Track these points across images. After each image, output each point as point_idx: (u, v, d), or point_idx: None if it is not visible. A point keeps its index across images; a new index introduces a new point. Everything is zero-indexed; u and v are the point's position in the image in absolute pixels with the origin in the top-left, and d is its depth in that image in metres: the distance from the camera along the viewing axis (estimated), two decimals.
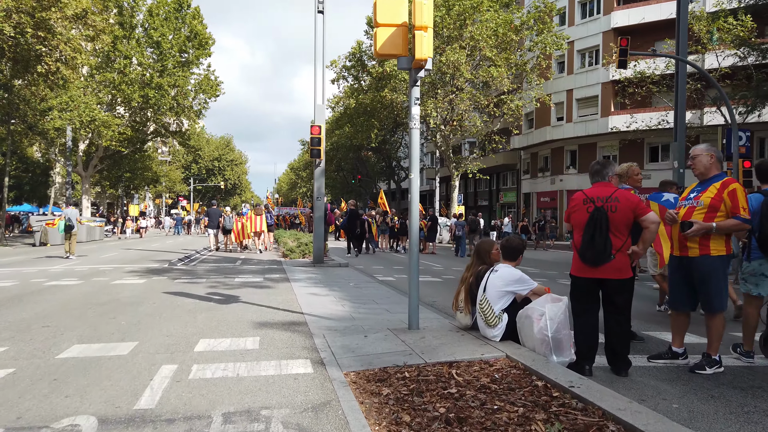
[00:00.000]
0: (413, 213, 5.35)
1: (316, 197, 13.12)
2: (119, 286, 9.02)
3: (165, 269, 12.19)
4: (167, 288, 8.81)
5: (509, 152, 42.45)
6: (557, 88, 35.44)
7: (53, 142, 32.01)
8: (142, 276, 10.65)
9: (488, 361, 4.04)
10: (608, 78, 32.84)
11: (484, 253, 5.07)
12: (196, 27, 34.04)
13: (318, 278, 10.36)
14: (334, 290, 8.58)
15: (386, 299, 7.70)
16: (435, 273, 12.44)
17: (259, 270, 12.08)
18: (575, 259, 4.10)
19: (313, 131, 12.80)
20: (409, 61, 5.12)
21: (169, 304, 7.12)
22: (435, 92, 30.53)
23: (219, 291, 8.49)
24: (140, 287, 8.93)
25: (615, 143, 33.55)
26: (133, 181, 52.22)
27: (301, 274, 11.18)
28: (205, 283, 9.47)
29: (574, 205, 4.18)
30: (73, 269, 12.12)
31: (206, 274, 11.07)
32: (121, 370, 4.05)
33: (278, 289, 8.82)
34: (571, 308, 4.13)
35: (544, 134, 36.83)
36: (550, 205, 38.81)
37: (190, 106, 36.06)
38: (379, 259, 17.15)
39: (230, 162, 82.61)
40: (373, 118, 35.72)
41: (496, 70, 29.01)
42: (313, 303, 7.22)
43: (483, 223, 22.96)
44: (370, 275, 11.34)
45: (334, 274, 11.15)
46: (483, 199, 50.93)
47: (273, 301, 7.48)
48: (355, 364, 4.08)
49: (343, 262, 13.58)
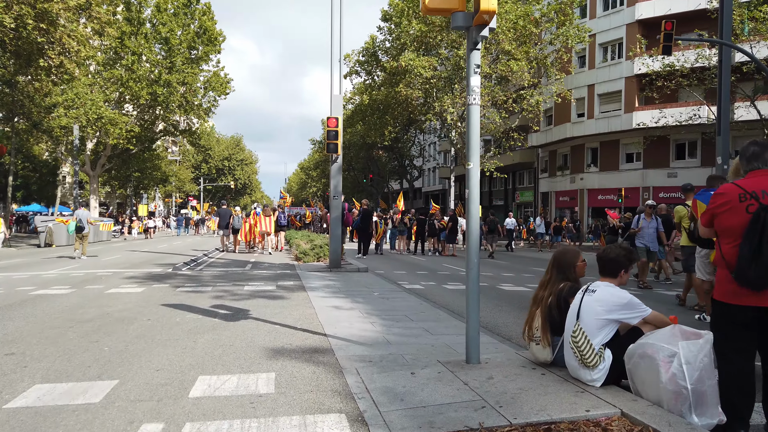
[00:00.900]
0: (472, 212, 4.16)
1: (333, 195, 11.98)
2: (113, 297, 7.93)
3: (168, 275, 11.11)
4: (167, 299, 7.71)
5: (526, 150, 41.06)
6: (578, 83, 34.05)
7: (59, 140, 31.11)
8: (141, 283, 9.57)
9: (598, 422, 2.87)
10: (633, 72, 31.41)
11: (567, 267, 3.89)
12: (206, 23, 33.07)
13: (337, 286, 9.23)
14: (358, 302, 7.43)
15: (421, 314, 6.53)
16: (464, 279, 11.25)
17: (271, 276, 10.97)
18: (724, 278, 2.88)
19: (329, 124, 11.67)
20: (467, 18, 3.95)
21: (165, 322, 6.01)
22: (451, 87, 29.30)
23: (226, 303, 7.37)
24: (136, 298, 7.84)
25: (639, 140, 32.09)
26: (143, 181, 51.54)
27: (318, 280, 10.05)
28: (211, 293, 8.36)
29: (723, 202, 2.91)
30: (69, 275, 11.08)
31: (212, 281, 9.97)
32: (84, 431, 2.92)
33: (294, 300, 7.69)
34: (715, 348, 2.93)
35: (563, 131, 35.45)
36: (569, 205, 37.40)
37: (200, 104, 35.11)
38: (398, 261, 16.00)
39: (240, 162, 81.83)
40: (387, 115, 34.53)
41: (516, 63, 27.73)
42: (336, 320, 6.08)
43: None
44: (394, 282, 10.18)
45: (353, 281, 10.01)
46: (498, 199, 49.55)
47: (289, 316, 6.35)
48: (410, 425, 2.91)
49: (362, 266, 12.43)
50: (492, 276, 11.90)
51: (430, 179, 65.76)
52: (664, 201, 31.74)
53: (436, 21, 28.03)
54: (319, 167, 67.45)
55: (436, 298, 8.37)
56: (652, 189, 31.77)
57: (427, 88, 29.53)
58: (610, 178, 33.48)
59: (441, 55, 29.14)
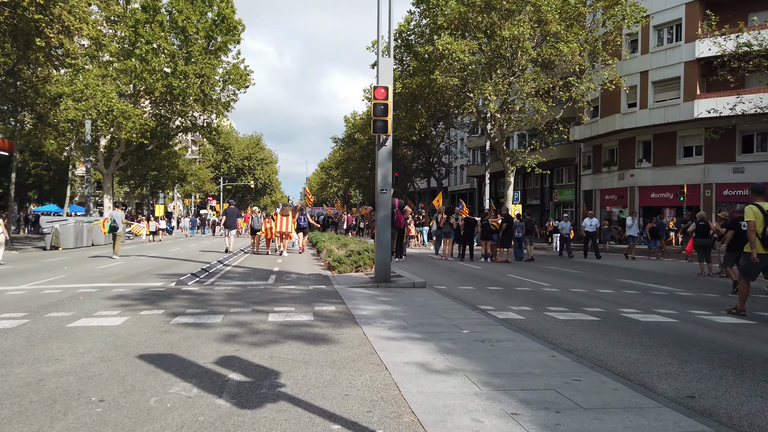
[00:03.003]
0: None
1: (381, 188, 9.23)
2: (72, 337, 5.25)
3: (167, 293, 8.46)
4: (151, 342, 5.03)
5: (565, 145, 37.89)
6: (629, 69, 30.85)
7: (65, 134, 28.91)
8: (126, 308, 6.93)
9: None
10: (694, 55, 28.15)
11: None
12: (224, 10, 30.63)
13: (398, 313, 6.48)
14: (452, 352, 4.64)
15: (579, 385, 3.73)
16: (563, 301, 8.37)
17: (303, 295, 8.25)
18: None
19: (377, 95, 8.92)
20: None
21: (130, 408, 3.30)
22: (491, 74, 26.35)
23: (240, 353, 4.63)
24: (105, 339, 5.16)
25: (700, 131, 28.76)
26: (160, 180, 49.49)
27: (368, 303, 7.31)
28: (219, 329, 5.64)
29: None
30: (40, 292, 8.50)
31: (224, 304, 7.28)
32: None
33: (345, 344, 4.95)
34: None
35: (612, 123, 32.25)
36: (617, 204, 34.19)
37: (218, 98, 32.71)
38: (449, 270, 13.19)
39: (260, 161, 79.89)
40: (418, 105, 31.64)
41: (566, 46, 24.66)
42: (442, 407, 3.30)
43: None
44: (473, 306, 7.37)
45: (417, 305, 7.24)
46: (533, 198, 46.40)
47: (351, 392, 3.60)
48: None
49: (418, 280, 9.61)
50: (608, 295, 9.03)
51: (457, 178, 62.80)
52: (728, 199, 28.45)
53: (476, 0, 25.16)
54: (341, 166, 64.89)
55: (560, 339, 5.54)
56: (715, 186, 28.43)
57: (465, 75, 26.62)
58: (666, 174, 30.20)
59: (480, 39, 26.18)
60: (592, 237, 19.06)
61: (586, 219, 19.47)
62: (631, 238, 19.59)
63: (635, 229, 19.72)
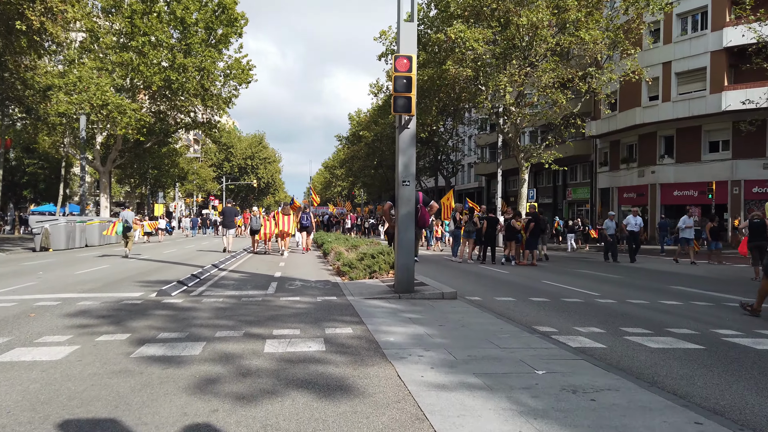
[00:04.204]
0: None
1: (403, 180, 7.64)
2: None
3: (142, 307, 6.89)
4: (89, 397, 3.44)
5: (580, 141, 36.23)
6: (650, 60, 29.15)
7: (56, 129, 27.40)
8: (83, 329, 5.37)
9: None
10: (721, 44, 26.47)
11: None
12: (225, 0, 29.10)
13: (437, 340, 4.90)
14: (536, 412, 3.08)
15: None
16: (633, 318, 6.76)
17: (310, 310, 6.67)
18: None
19: (398, 66, 7.33)
20: None
21: None
22: (506, 64, 24.73)
23: (217, 422, 3.06)
24: (24, 391, 3.59)
25: (727, 125, 27.09)
26: (160, 178, 48.04)
27: (394, 324, 5.73)
28: (195, 369, 4.04)
29: None
30: None
31: (209, 325, 5.69)
32: None
33: (376, 400, 3.37)
34: None
35: (632, 117, 30.56)
36: (636, 202, 32.45)
37: (219, 93, 31.18)
38: (474, 276, 11.61)
39: (263, 160, 78.50)
40: (428, 99, 30.01)
41: (587, 33, 23.03)
42: None
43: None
44: (524, 325, 5.79)
45: (456, 325, 5.66)
46: (546, 196, 44.66)
47: None
48: None
49: (447, 290, 8.02)
50: (680, 308, 7.44)
51: (464, 176, 61.10)
52: (758, 197, 26.74)
53: None
54: (345, 165, 63.36)
55: (680, 384, 3.93)
56: (743, 183, 26.75)
57: (478, 65, 25.01)
58: (690, 170, 28.51)
59: (494, 28, 24.53)
60: (635, 237, 17.20)
61: (629, 216, 17.47)
62: (686, 241, 16.89)
63: (691, 231, 16.93)
